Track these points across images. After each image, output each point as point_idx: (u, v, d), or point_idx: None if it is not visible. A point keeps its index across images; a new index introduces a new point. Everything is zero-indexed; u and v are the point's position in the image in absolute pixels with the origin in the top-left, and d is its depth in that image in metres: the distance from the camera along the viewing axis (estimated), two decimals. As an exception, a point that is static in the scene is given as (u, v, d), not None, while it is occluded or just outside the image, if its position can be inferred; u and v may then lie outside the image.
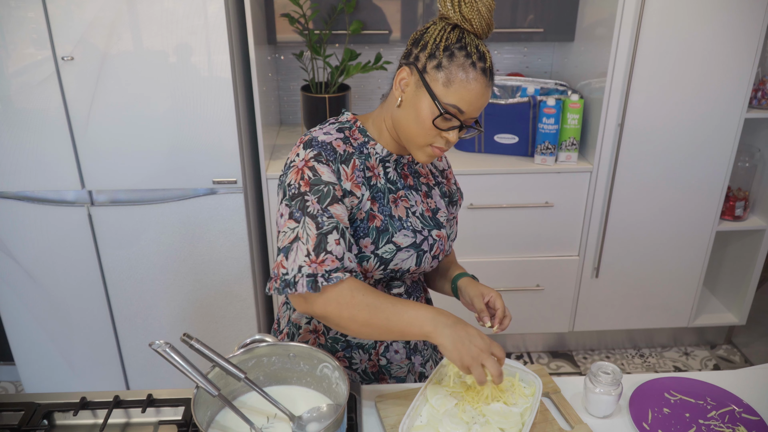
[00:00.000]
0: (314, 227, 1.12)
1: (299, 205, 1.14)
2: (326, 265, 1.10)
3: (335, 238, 1.13)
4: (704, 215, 2.53)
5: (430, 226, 1.30)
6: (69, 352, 2.40)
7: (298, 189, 1.16)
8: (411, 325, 1.09)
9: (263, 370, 1.19)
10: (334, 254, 1.11)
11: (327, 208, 1.14)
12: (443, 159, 1.41)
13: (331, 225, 1.13)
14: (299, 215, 1.14)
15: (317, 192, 1.15)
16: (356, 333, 1.13)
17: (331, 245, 1.12)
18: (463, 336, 1.07)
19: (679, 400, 1.24)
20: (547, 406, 1.22)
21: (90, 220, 2.19)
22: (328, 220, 1.13)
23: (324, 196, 1.15)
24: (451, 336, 1.07)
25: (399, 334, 1.10)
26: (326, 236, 1.12)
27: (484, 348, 1.07)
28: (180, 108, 2.05)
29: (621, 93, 2.31)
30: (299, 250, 1.12)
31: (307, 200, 1.14)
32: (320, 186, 1.16)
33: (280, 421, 1.12)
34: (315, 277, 1.10)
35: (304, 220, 1.13)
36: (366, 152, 1.24)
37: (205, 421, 1.10)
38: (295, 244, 1.13)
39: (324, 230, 1.12)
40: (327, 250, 1.11)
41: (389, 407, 1.20)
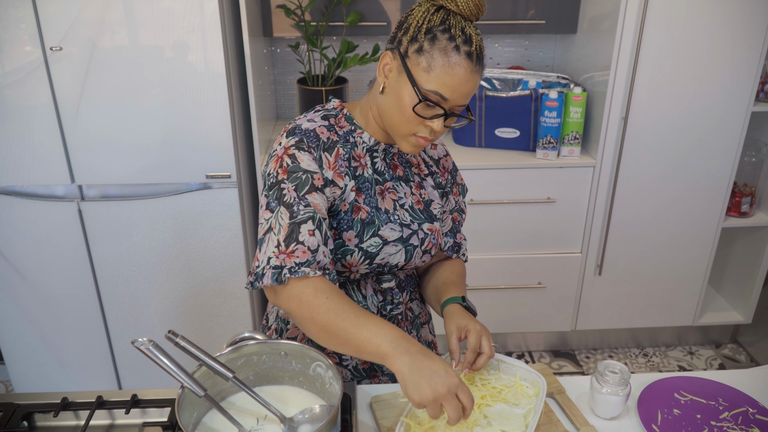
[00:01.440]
0: (287, 216, 1.08)
1: (276, 194, 1.10)
2: (296, 256, 1.05)
3: (309, 229, 1.08)
4: (710, 211, 2.48)
5: (420, 219, 1.24)
6: (59, 351, 2.35)
7: (276, 177, 1.11)
8: (368, 342, 0.98)
9: (253, 369, 1.13)
10: (306, 245, 1.06)
11: (304, 196, 1.09)
12: (438, 147, 1.35)
13: (306, 214, 1.08)
14: (275, 205, 1.10)
15: (295, 180, 1.10)
16: (315, 337, 1.05)
17: (304, 236, 1.07)
18: (425, 369, 0.94)
19: (690, 401, 1.18)
20: (552, 407, 1.17)
21: (80, 215, 2.13)
22: (304, 209, 1.08)
23: (302, 184, 1.10)
24: (410, 366, 0.94)
25: (355, 349, 1.00)
26: (299, 226, 1.07)
27: (450, 388, 0.93)
28: (172, 101, 1.99)
29: (625, 86, 2.25)
30: (270, 241, 1.08)
31: (284, 188, 1.10)
32: (298, 173, 1.11)
33: (271, 422, 1.07)
34: (281, 269, 1.05)
35: (278, 210, 1.09)
36: (352, 141, 1.19)
37: (191, 423, 1.04)
38: (268, 234, 1.08)
39: (297, 219, 1.07)
40: (298, 241, 1.06)
41: (385, 408, 1.14)
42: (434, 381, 0.93)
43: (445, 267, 1.36)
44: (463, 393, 0.95)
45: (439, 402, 0.93)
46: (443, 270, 1.35)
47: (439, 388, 0.93)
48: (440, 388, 0.93)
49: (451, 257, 1.39)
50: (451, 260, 1.38)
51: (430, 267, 1.39)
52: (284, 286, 1.05)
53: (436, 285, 1.32)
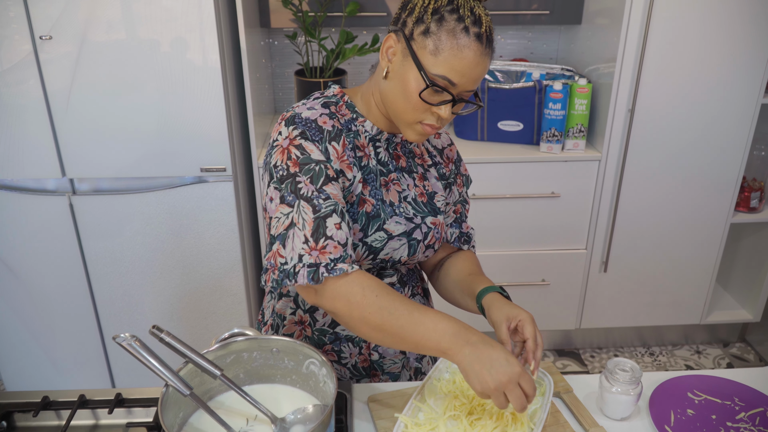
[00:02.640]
0: (311, 211, 1.01)
1: (291, 187, 1.03)
2: (328, 252, 0.99)
3: (335, 222, 1.01)
4: (718, 206, 2.42)
5: (424, 212, 1.18)
6: (51, 349, 2.29)
7: (286, 170, 1.04)
8: (427, 338, 0.95)
9: (243, 366, 1.07)
10: (336, 240, 1.00)
11: (322, 188, 1.03)
12: (442, 136, 1.29)
13: (329, 207, 1.02)
14: (292, 198, 1.03)
15: (308, 172, 1.04)
16: (367, 336, 1.01)
17: (331, 230, 1.01)
18: (485, 359, 0.92)
19: (704, 401, 1.12)
20: (558, 407, 1.11)
21: (71, 209, 2.08)
22: (324, 201, 1.02)
23: (316, 176, 1.04)
24: (471, 357, 0.93)
25: (413, 346, 0.97)
26: (324, 220, 1.01)
27: (511, 377, 0.92)
28: (165, 92, 1.94)
29: (631, 78, 2.19)
30: (296, 236, 1.00)
31: (299, 181, 1.03)
32: (311, 165, 1.04)
33: (261, 423, 1.01)
34: (317, 267, 0.99)
35: (298, 204, 1.02)
36: (354, 130, 1.13)
37: (177, 424, 0.98)
38: (291, 230, 1.01)
39: (322, 213, 1.01)
40: (327, 236, 1.00)
41: (383, 408, 1.08)
42: (495, 370, 0.92)
43: (464, 260, 1.29)
44: (525, 381, 0.93)
45: (502, 391, 0.92)
46: (462, 263, 1.28)
47: (501, 377, 0.91)
48: (502, 377, 0.91)
49: (461, 249, 1.32)
50: (464, 253, 1.31)
51: (443, 263, 1.32)
52: (324, 285, 0.99)
53: (460, 279, 1.25)
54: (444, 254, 1.33)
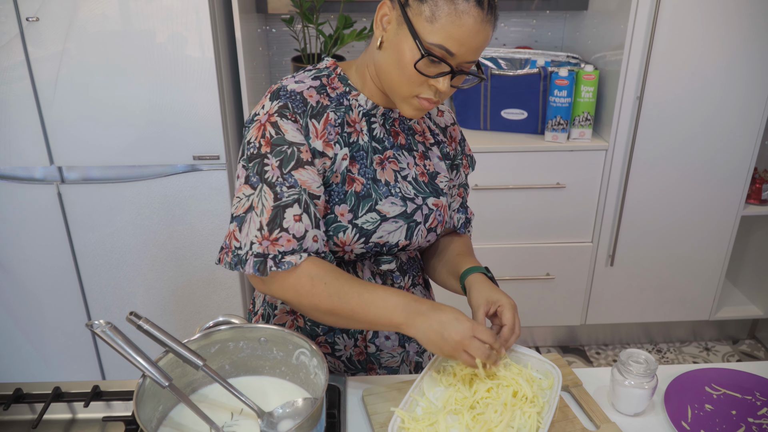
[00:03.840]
0: (271, 198, 0.97)
1: (257, 168, 0.98)
2: (280, 244, 0.95)
3: (295, 214, 0.96)
4: (728, 198, 2.34)
5: (425, 193, 1.11)
6: (41, 343, 2.22)
7: (257, 149, 0.99)
8: (379, 316, 0.96)
9: (229, 357, 1.00)
10: (291, 233, 0.96)
11: (290, 173, 0.98)
12: (445, 114, 1.21)
13: (291, 197, 0.97)
14: (256, 181, 0.98)
15: (279, 154, 0.98)
16: (322, 321, 1.01)
17: (289, 221, 0.96)
18: (436, 324, 0.93)
19: (723, 395, 1.05)
20: (567, 401, 1.03)
21: (60, 199, 2.01)
22: (288, 190, 0.97)
23: (287, 159, 0.98)
24: (424, 326, 0.93)
25: (369, 325, 0.98)
26: (284, 210, 0.96)
27: (464, 333, 0.92)
28: (156, 77, 1.87)
29: (640, 65, 2.11)
30: (252, 222, 0.97)
31: (267, 164, 0.98)
32: (283, 147, 0.99)
33: (247, 418, 0.94)
34: (265, 259, 0.95)
35: (261, 188, 0.97)
36: (347, 104, 1.06)
37: (156, 418, 0.91)
38: (249, 214, 0.97)
39: (282, 202, 0.96)
40: (282, 227, 0.96)
41: (378, 403, 1.01)
42: (447, 332, 0.92)
43: (454, 241, 1.24)
44: (481, 333, 0.93)
45: (461, 349, 0.92)
46: (453, 244, 1.24)
47: (454, 336, 0.92)
48: (455, 336, 0.92)
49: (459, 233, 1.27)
50: (458, 235, 1.27)
51: (435, 244, 1.27)
52: (271, 277, 0.96)
53: (448, 258, 1.21)
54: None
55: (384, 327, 0.96)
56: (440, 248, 1.25)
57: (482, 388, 0.97)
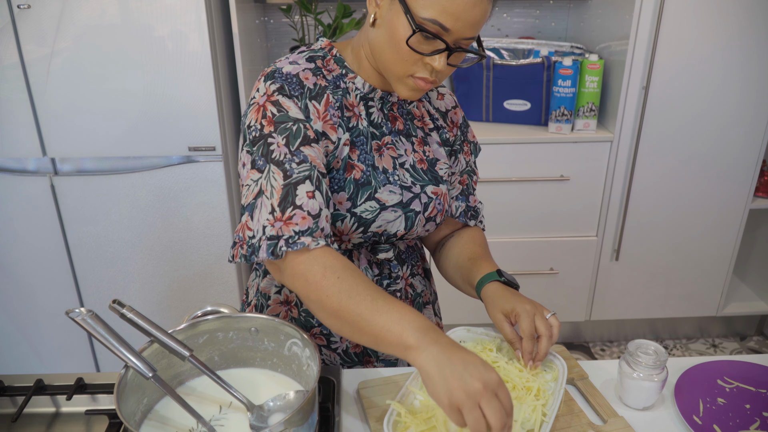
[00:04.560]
0: (281, 176, 0.90)
1: (262, 150, 0.92)
2: (294, 223, 0.88)
3: (308, 190, 0.90)
4: (736, 191, 2.29)
5: (424, 181, 1.06)
6: (35, 338, 2.18)
7: (260, 130, 0.93)
8: (387, 330, 0.80)
9: (218, 348, 0.96)
10: (306, 209, 0.89)
11: (298, 150, 0.91)
12: (446, 97, 1.16)
13: (302, 173, 0.90)
14: (263, 163, 0.92)
15: (284, 131, 0.92)
16: (327, 323, 0.88)
17: (302, 198, 0.89)
18: (457, 361, 0.75)
19: (737, 389, 1.00)
20: (572, 395, 0.99)
21: (53, 191, 1.97)
22: (298, 166, 0.91)
23: (293, 136, 0.92)
24: (439, 358, 0.76)
25: (372, 339, 0.82)
26: (295, 187, 0.90)
27: (488, 383, 0.74)
28: (151, 67, 1.83)
29: (646, 54, 2.06)
30: (263, 206, 0.90)
31: (272, 143, 0.92)
32: (287, 123, 0.93)
33: (236, 411, 0.89)
34: (278, 240, 0.88)
35: (268, 169, 0.91)
36: (343, 87, 1.01)
37: (140, 411, 0.87)
38: (259, 199, 0.91)
39: (293, 179, 0.90)
40: (296, 205, 0.89)
41: (375, 396, 0.96)
42: (469, 374, 0.74)
43: (465, 239, 1.17)
44: (503, 393, 0.75)
45: (476, 401, 0.73)
46: (463, 243, 1.16)
47: (474, 383, 0.73)
48: (475, 383, 0.73)
49: (468, 225, 1.20)
50: (469, 229, 1.20)
51: (444, 242, 1.20)
52: (285, 261, 0.88)
53: (460, 263, 1.13)
54: (448, 231, 1.21)
55: (389, 344, 0.80)
56: (450, 250, 1.18)
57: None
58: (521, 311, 0.95)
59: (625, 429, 0.90)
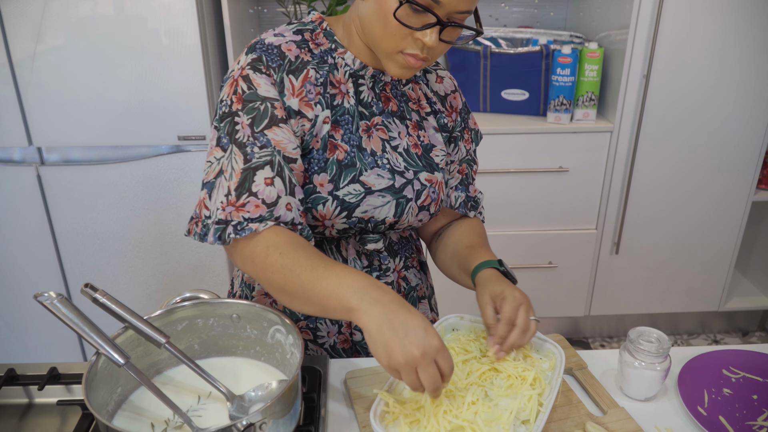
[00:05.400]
0: (241, 159, 0.87)
1: (228, 128, 0.89)
2: (246, 210, 0.86)
3: (266, 177, 0.87)
4: (738, 183, 2.24)
5: (417, 166, 1.01)
6: (22, 333, 2.14)
7: (229, 107, 0.90)
8: (329, 295, 0.79)
9: (198, 336, 0.91)
10: (261, 197, 0.86)
11: (262, 132, 0.88)
12: (445, 80, 1.10)
13: (262, 158, 0.87)
14: (226, 142, 0.89)
15: (251, 111, 0.89)
16: (280, 301, 0.87)
17: (259, 185, 0.86)
18: (398, 324, 0.74)
19: (743, 379, 0.95)
20: (571, 385, 0.94)
21: (39, 181, 1.92)
22: (260, 150, 0.88)
23: (259, 117, 0.89)
24: (380, 320, 0.75)
25: (319, 308, 0.81)
26: (254, 172, 0.87)
27: (426, 350, 0.73)
28: (139, 54, 1.79)
29: (646, 43, 2.01)
30: (221, 187, 0.88)
31: (237, 122, 0.89)
32: (255, 103, 0.89)
33: (215, 401, 0.85)
34: (226, 225, 0.86)
35: (231, 150, 0.88)
36: (332, 62, 0.96)
37: (113, 401, 0.82)
38: (219, 179, 0.89)
39: (252, 164, 0.87)
40: (251, 191, 0.86)
41: (363, 386, 0.92)
42: (408, 340, 0.74)
43: (464, 228, 1.12)
44: (443, 358, 0.75)
45: (413, 366, 0.74)
46: (462, 232, 1.12)
47: (413, 350, 0.73)
48: (414, 350, 0.73)
49: (468, 216, 1.15)
50: (468, 220, 1.14)
51: (442, 232, 1.15)
52: (234, 246, 0.87)
53: (457, 251, 1.08)
54: (445, 221, 1.16)
55: (335, 311, 0.80)
56: (448, 239, 1.13)
57: (477, 370, 0.87)
58: (508, 295, 0.91)
59: (625, 420, 0.86)
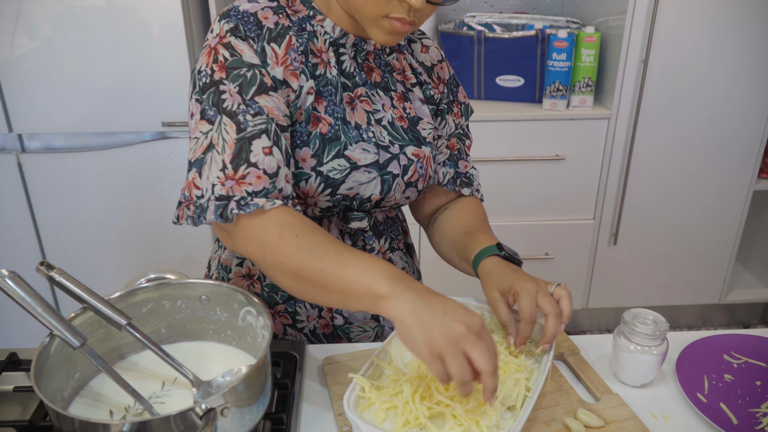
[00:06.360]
0: (234, 129, 0.80)
1: (213, 98, 0.82)
2: (247, 183, 0.78)
3: (264, 146, 0.80)
4: (739, 172, 2.19)
5: (403, 140, 0.95)
6: (4, 328, 2.08)
7: (210, 76, 0.83)
8: (355, 282, 0.72)
9: (165, 319, 0.86)
10: (261, 167, 0.79)
11: (252, 99, 0.82)
12: (431, 50, 1.05)
13: (258, 126, 0.80)
14: (214, 113, 0.81)
15: (237, 78, 0.82)
16: (289, 289, 0.79)
17: (257, 155, 0.79)
18: (436, 308, 0.68)
19: (745, 364, 0.90)
20: (562, 371, 0.89)
21: (20, 169, 1.87)
22: (253, 118, 0.81)
23: (247, 83, 0.82)
24: (415, 305, 0.68)
25: (340, 297, 0.74)
26: (250, 141, 0.80)
27: (471, 327, 0.67)
28: (122, 39, 1.74)
29: (644, 28, 1.96)
30: (214, 162, 0.80)
31: (224, 91, 0.82)
32: (241, 69, 0.83)
33: (181, 387, 0.79)
34: (228, 201, 0.78)
35: (219, 120, 0.81)
36: (310, 30, 0.90)
37: (70, 387, 0.77)
38: (209, 153, 0.81)
39: (248, 133, 0.80)
40: (250, 162, 0.79)
41: (340, 372, 0.86)
42: (449, 317, 0.67)
43: (461, 210, 1.06)
44: (486, 336, 0.68)
45: (459, 347, 0.66)
46: (459, 215, 1.05)
47: (458, 327, 0.66)
48: (459, 327, 0.66)
49: (463, 195, 1.08)
50: (465, 200, 1.08)
51: (438, 215, 1.08)
52: (237, 225, 0.79)
53: (455, 237, 1.01)
54: (441, 202, 1.09)
55: (359, 299, 0.72)
56: (445, 224, 1.06)
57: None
58: (521, 289, 0.83)
59: (620, 407, 0.80)
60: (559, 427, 0.77)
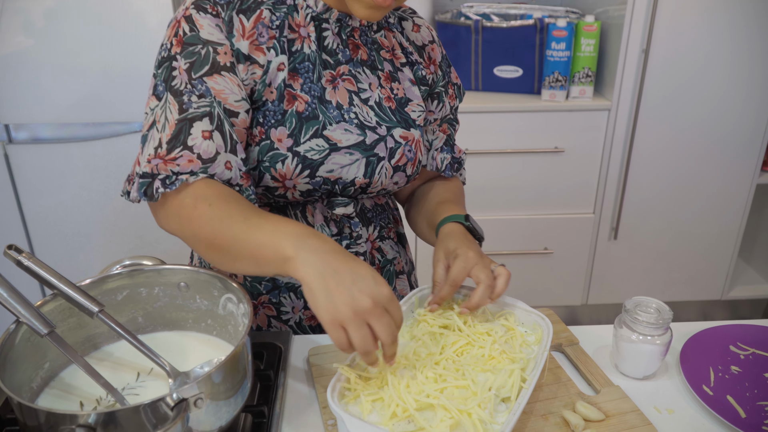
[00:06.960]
0: (176, 109, 0.78)
1: (165, 74, 0.80)
2: (176, 164, 0.77)
3: (204, 129, 0.78)
4: (742, 165, 2.14)
5: (390, 122, 0.92)
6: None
7: (168, 50, 0.81)
8: (263, 246, 0.70)
9: (142, 307, 0.81)
10: (197, 152, 0.77)
11: (201, 79, 0.79)
12: (422, 29, 1.01)
13: (201, 108, 0.78)
14: (162, 89, 0.80)
15: (190, 55, 0.80)
16: (209, 259, 0.77)
17: (195, 138, 0.77)
18: (344, 272, 0.66)
19: (753, 355, 0.85)
20: (560, 362, 0.84)
21: (7, 161, 1.83)
22: (198, 100, 0.78)
23: (199, 62, 0.79)
24: (322, 268, 0.66)
25: (252, 262, 0.72)
26: (191, 123, 0.78)
27: (377, 301, 0.65)
28: (110, 27, 1.70)
29: (645, 17, 1.92)
30: (152, 140, 0.79)
31: (174, 68, 0.79)
32: (196, 46, 0.80)
33: (156, 378, 0.75)
34: (152, 179, 0.77)
35: (165, 98, 0.79)
36: (290, 3, 0.86)
37: (39, 377, 0.73)
38: (151, 131, 0.79)
39: (189, 114, 0.78)
40: (186, 145, 0.77)
41: (327, 363, 0.82)
42: (356, 288, 0.65)
43: (439, 186, 1.05)
44: (394, 308, 0.67)
45: (364, 319, 0.65)
46: (436, 190, 1.05)
47: (364, 300, 0.64)
48: (365, 300, 0.64)
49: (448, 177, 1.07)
50: (446, 179, 1.07)
51: (415, 191, 1.08)
52: (161, 203, 0.78)
53: (427, 208, 1.01)
54: (420, 182, 1.09)
55: (269, 264, 0.70)
56: (421, 195, 1.06)
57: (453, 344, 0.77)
58: (461, 254, 0.83)
59: (621, 400, 0.76)
60: (557, 420, 0.73)
